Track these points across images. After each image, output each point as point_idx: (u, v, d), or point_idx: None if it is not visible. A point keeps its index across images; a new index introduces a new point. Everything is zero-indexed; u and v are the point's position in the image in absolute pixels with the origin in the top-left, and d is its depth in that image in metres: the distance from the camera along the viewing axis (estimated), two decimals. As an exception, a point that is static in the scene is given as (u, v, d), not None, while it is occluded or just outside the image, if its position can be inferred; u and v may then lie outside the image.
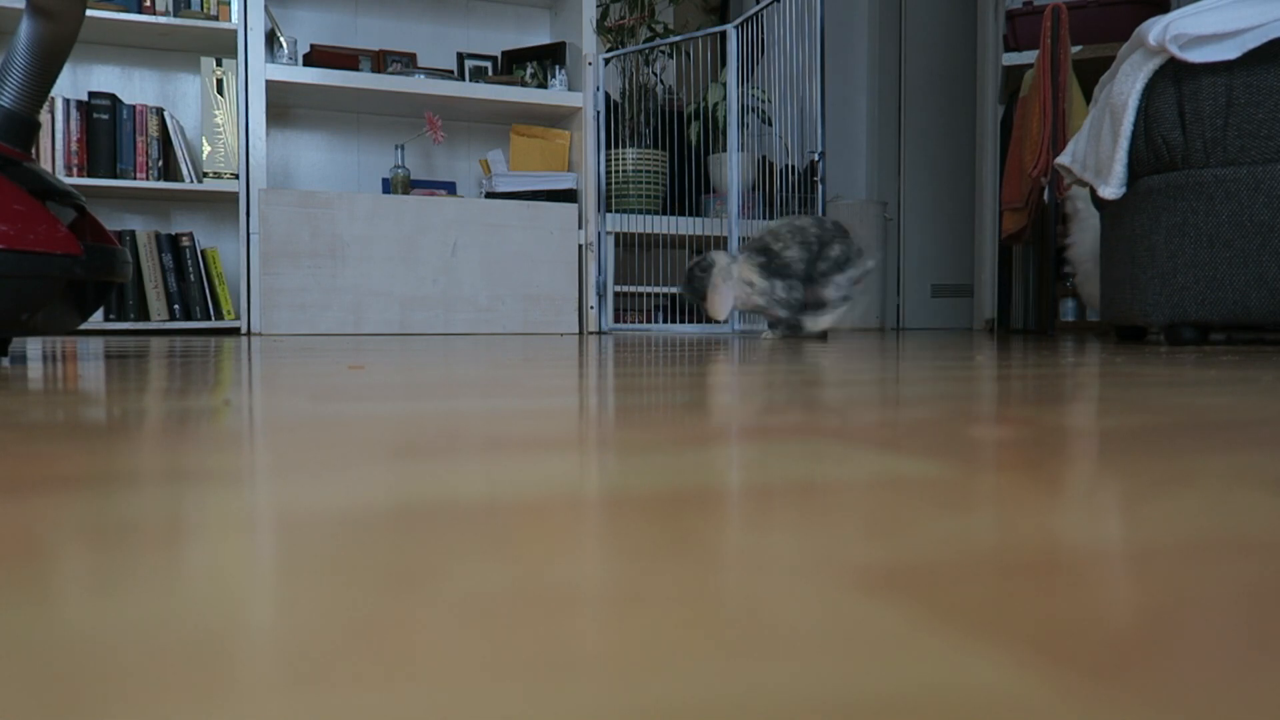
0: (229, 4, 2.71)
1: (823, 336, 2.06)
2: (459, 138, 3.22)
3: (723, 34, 3.71)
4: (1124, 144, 1.81)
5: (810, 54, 2.47)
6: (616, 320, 3.13)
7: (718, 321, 2.34)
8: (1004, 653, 0.15)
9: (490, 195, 3.00)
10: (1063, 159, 2.05)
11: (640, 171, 3.00)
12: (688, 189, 3.20)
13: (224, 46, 2.84)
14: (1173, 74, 1.75)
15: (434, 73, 2.96)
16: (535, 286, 2.89)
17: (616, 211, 3.01)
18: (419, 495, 0.29)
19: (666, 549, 0.23)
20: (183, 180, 2.73)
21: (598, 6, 3.05)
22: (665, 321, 3.31)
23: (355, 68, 2.83)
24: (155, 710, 0.13)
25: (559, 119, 3.18)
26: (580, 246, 3.00)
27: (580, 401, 0.60)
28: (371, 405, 0.57)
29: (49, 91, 1.07)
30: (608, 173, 3.02)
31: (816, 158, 2.35)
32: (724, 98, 2.98)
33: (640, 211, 3.00)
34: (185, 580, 0.20)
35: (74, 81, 2.82)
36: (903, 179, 4.37)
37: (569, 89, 3.05)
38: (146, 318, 2.72)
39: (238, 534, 0.24)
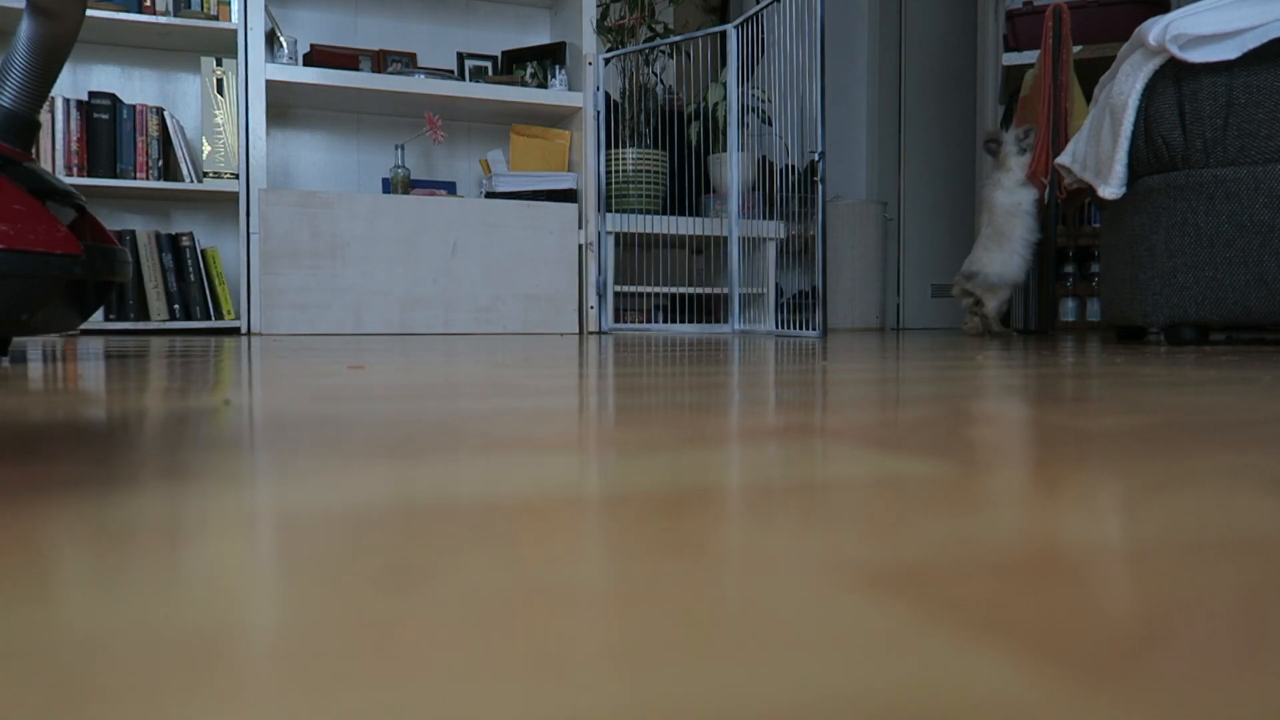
0: (229, 4, 2.71)
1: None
2: (459, 138, 3.22)
3: (723, 34, 3.71)
4: (1124, 144, 1.81)
5: (810, 54, 2.47)
6: (616, 320, 3.13)
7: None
8: (1002, 652, 0.15)
9: (490, 195, 3.00)
10: (1063, 159, 2.05)
11: (640, 171, 3.00)
12: (688, 189, 3.20)
13: (224, 46, 2.84)
14: (1173, 74, 1.75)
15: (434, 73, 2.96)
16: (535, 286, 2.89)
17: (616, 211, 3.01)
18: (419, 495, 0.29)
19: (666, 549, 0.23)
20: (183, 180, 2.73)
21: (598, 6, 3.05)
22: (665, 321, 3.30)
23: (355, 68, 2.83)
24: (155, 710, 0.13)
25: (559, 119, 3.18)
26: (580, 246, 3.00)
27: (580, 402, 0.60)
28: (372, 405, 0.57)
29: (49, 91, 1.07)
30: (608, 173, 3.02)
31: (816, 158, 2.35)
32: (724, 98, 2.97)
33: (640, 211, 3.00)
34: (185, 580, 0.20)
35: (74, 81, 2.82)
36: (903, 179, 4.37)
37: (569, 89, 3.05)
38: (146, 318, 2.72)
39: (238, 534, 0.24)
